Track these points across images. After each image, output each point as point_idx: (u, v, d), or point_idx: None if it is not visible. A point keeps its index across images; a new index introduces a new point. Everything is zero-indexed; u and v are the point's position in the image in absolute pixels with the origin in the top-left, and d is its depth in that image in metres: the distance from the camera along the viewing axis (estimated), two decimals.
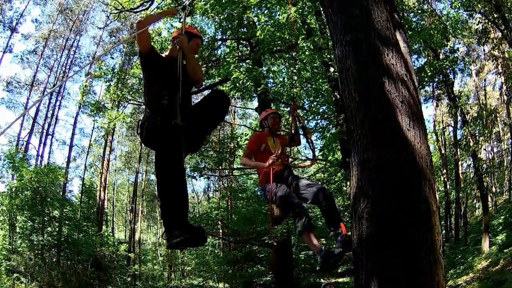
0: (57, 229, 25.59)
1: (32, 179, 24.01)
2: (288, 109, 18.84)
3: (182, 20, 4.63)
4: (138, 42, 4.25)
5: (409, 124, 3.98)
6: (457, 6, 18.27)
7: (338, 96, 14.04)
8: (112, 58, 36.26)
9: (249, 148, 6.04)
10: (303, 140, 8.60)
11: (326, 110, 17.63)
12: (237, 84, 15.43)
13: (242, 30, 17.31)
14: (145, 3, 16.91)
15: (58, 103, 35.62)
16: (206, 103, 4.50)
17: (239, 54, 18.70)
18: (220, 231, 26.60)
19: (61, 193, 28.49)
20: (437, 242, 3.71)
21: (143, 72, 4.37)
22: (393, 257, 3.55)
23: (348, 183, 14.31)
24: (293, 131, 6.37)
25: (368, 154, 3.93)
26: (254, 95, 17.68)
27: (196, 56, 5.12)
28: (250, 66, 16.04)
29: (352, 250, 4.13)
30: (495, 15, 19.46)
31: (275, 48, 16.20)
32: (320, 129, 18.01)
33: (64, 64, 35.77)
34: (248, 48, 18.67)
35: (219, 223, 25.51)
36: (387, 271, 3.56)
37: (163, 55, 4.64)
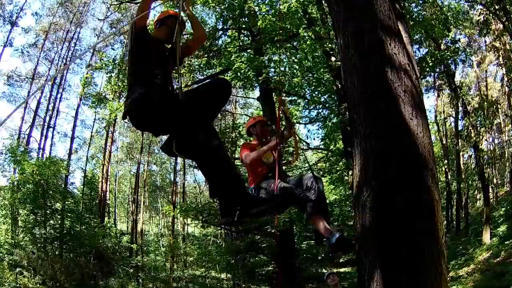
0: (59, 222, 25.64)
1: (34, 172, 24.01)
2: (290, 98, 18.86)
3: (179, 4, 4.66)
4: (139, 13, 4.20)
5: (412, 113, 3.97)
6: None
7: (339, 85, 14.05)
8: (113, 49, 36.17)
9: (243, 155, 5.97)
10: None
11: (327, 100, 17.66)
12: (239, 74, 15.44)
13: (243, 19, 17.28)
14: None
15: (59, 96, 35.59)
16: (206, 88, 4.46)
17: (240, 43, 18.69)
18: None
19: (63, 186, 28.51)
20: (439, 231, 3.71)
21: (134, 47, 4.21)
22: (396, 246, 3.55)
23: (350, 172, 14.35)
24: (283, 125, 6.27)
25: (370, 143, 3.93)
26: (255, 84, 17.70)
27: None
28: (252, 56, 16.04)
29: (355, 239, 4.14)
30: (496, 7, 19.43)
31: (276, 38, 16.19)
32: (322, 119, 18.05)
33: (65, 56, 35.75)
34: (249, 37, 18.65)
35: None
36: (390, 261, 3.56)
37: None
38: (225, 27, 18.25)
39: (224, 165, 3.92)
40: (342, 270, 24.04)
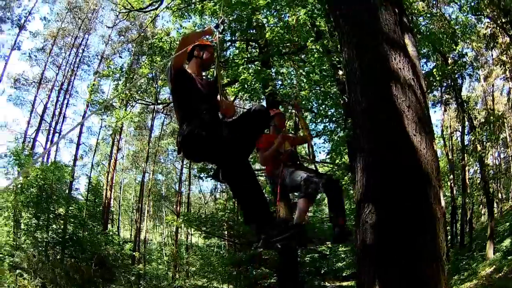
0: (62, 226, 25.66)
1: (38, 176, 24.06)
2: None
3: (216, 37, 4.83)
4: (177, 56, 4.29)
5: (416, 129, 3.94)
6: (466, 11, 18.22)
7: (346, 99, 14.03)
8: (121, 57, 36.39)
9: (262, 147, 5.98)
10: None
11: (334, 113, 17.62)
12: (246, 86, 15.48)
13: (251, 31, 17.31)
14: (154, 3, 16.99)
15: (66, 101, 35.69)
16: (245, 118, 4.51)
17: (248, 55, 18.69)
18: (226, 232, 26.65)
19: (67, 191, 28.54)
20: (440, 249, 3.68)
21: (175, 88, 4.40)
22: (396, 263, 3.52)
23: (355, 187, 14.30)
24: (302, 128, 6.29)
25: (373, 159, 3.91)
26: (262, 96, 17.68)
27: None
28: (259, 68, 16.05)
29: (355, 254, 4.11)
30: (504, 20, 19.42)
31: (284, 50, 16.19)
32: (328, 132, 18.00)
33: (73, 62, 35.89)
34: (257, 49, 18.65)
35: (225, 224, 25.55)
36: (390, 277, 3.53)
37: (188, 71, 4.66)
38: (233, 38, 18.26)
39: (257, 190, 4.00)
40: (344, 284, 23.95)
